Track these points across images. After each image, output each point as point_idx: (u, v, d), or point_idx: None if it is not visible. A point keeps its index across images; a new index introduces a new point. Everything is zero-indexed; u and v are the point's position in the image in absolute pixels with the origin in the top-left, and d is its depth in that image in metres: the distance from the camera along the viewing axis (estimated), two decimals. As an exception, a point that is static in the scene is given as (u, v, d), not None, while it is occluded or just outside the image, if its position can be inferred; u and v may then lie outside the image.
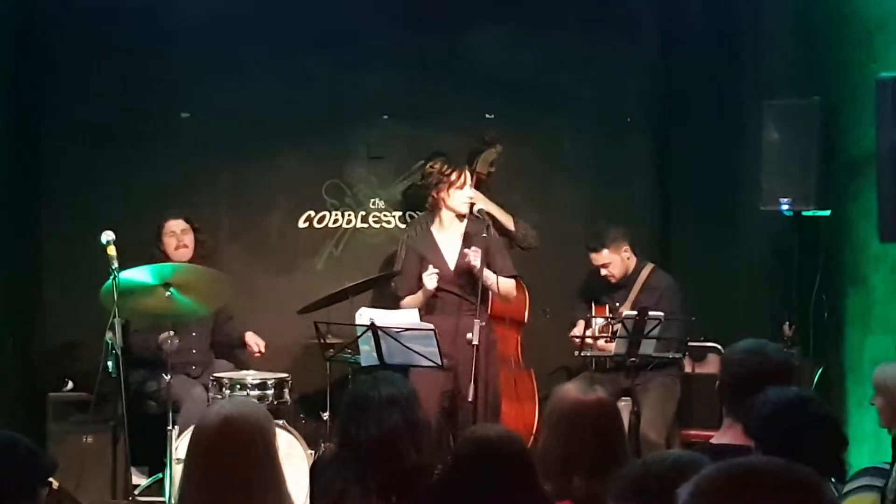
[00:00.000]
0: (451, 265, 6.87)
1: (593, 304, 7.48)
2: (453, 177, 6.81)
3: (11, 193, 7.74)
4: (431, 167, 6.85)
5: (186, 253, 7.45)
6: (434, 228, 6.94)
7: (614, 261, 7.37)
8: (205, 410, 3.71)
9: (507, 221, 7.56)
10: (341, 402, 4.32)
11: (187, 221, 7.54)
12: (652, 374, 7.16)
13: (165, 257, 7.38)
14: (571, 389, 3.94)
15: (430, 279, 6.69)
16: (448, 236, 6.92)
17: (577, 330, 7.27)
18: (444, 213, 6.88)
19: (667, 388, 7.24)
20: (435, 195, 6.84)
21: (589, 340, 7.17)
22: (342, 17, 8.33)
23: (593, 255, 7.40)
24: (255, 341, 7.57)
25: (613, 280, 7.42)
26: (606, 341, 7.15)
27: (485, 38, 8.42)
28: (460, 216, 6.93)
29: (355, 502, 3.93)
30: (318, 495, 4.10)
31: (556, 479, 3.64)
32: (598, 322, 7.27)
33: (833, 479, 3.75)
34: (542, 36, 8.48)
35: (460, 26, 8.44)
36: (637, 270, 7.46)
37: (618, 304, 7.34)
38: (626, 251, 7.41)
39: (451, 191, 6.82)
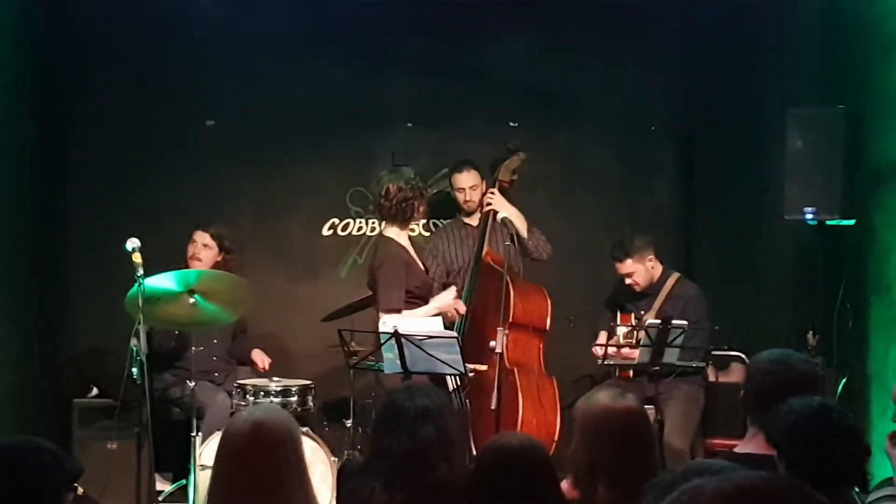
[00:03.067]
0: (431, 273, 7.03)
1: (618, 313, 7.47)
2: (428, 190, 6.95)
3: (38, 201, 7.78)
4: (407, 183, 6.84)
5: (199, 266, 7.45)
6: (403, 241, 6.89)
7: (639, 270, 7.35)
8: (233, 417, 3.74)
9: (522, 227, 7.56)
10: (367, 410, 4.32)
11: (214, 238, 7.56)
12: (676, 383, 7.13)
13: (186, 266, 7.42)
14: (602, 396, 3.93)
15: (453, 300, 6.80)
16: (410, 247, 6.96)
17: (601, 340, 7.26)
18: (413, 224, 6.97)
19: (691, 396, 7.22)
20: (415, 207, 6.82)
21: (612, 349, 7.14)
22: (367, 25, 8.35)
23: (618, 265, 7.38)
24: (260, 358, 7.63)
25: (638, 289, 7.40)
26: (631, 348, 7.12)
27: (509, 47, 8.44)
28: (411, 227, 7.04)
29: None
30: (348, 498, 4.10)
31: (582, 486, 3.64)
32: (622, 331, 7.25)
33: (857, 489, 3.75)
34: (566, 44, 8.49)
35: (485, 35, 8.45)
36: (662, 279, 7.43)
37: (643, 313, 7.31)
38: (650, 260, 7.39)
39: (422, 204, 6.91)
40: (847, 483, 3.52)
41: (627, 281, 7.39)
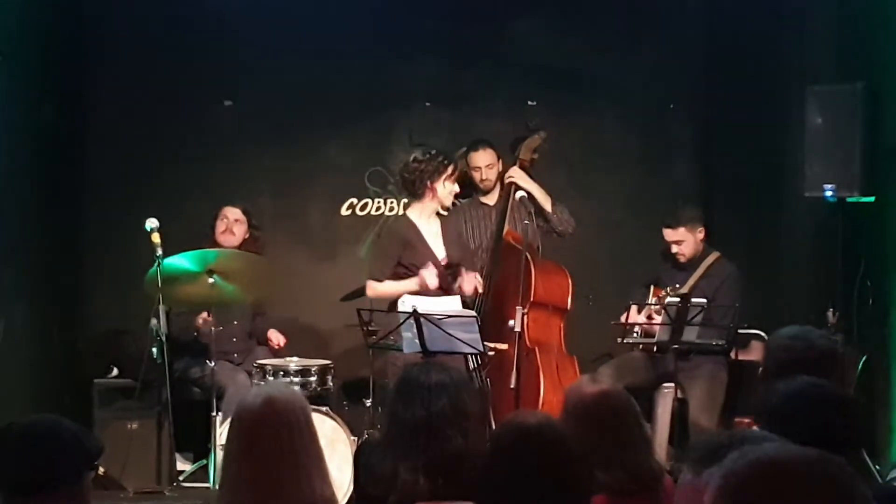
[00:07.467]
0: (440, 257, 6.89)
1: (652, 287, 7.42)
2: (449, 169, 6.86)
3: (57, 181, 7.81)
4: (423, 158, 6.87)
5: (231, 240, 7.47)
6: (415, 217, 6.92)
7: (688, 240, 7.27)
8: (243, 396, 3.78)
9: (546, 202, 7.55)
10: (386, 389, 4.33)
11: (244, 213, 7.58)
12: (700, 361, 7.10)
13: (213, 242, 7.41)
14: (578, 385, 3.98)
15: (432, 277, 6.68)
16: (429, 228, 6.94)
17: (632, 314, 7.17)
18: (429, 204, 6.92)
19: (715, 374, 7.18)
20: (429, 184, 6.84)
21: (637, 327, 7.11)
22: (385, 4, 8.34)
23: (667, 231, 7.29)
24: (276, 336, 7.63)
25: (683, 259, 7.31)
26: (658, 314, 7.04)
27: (527, 25, 8.41)
28: (444, 208, 7.05)
29: (404, 481, 3.93)
30: (365, 476, 4.12)
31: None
32: (646, 308, 7.20)
33: (877, 468, 3.72)
34: (584, 22, 8.47)
35: (503, 13, 8.42)
36: (703, 256, 7.36)
37: (678, 286, 7.23)
38: (700, 233, 7.31)
39: (445, 182, 6.87)
40: (849, 450, 3.48)
41: (674, 249, 7.31)
